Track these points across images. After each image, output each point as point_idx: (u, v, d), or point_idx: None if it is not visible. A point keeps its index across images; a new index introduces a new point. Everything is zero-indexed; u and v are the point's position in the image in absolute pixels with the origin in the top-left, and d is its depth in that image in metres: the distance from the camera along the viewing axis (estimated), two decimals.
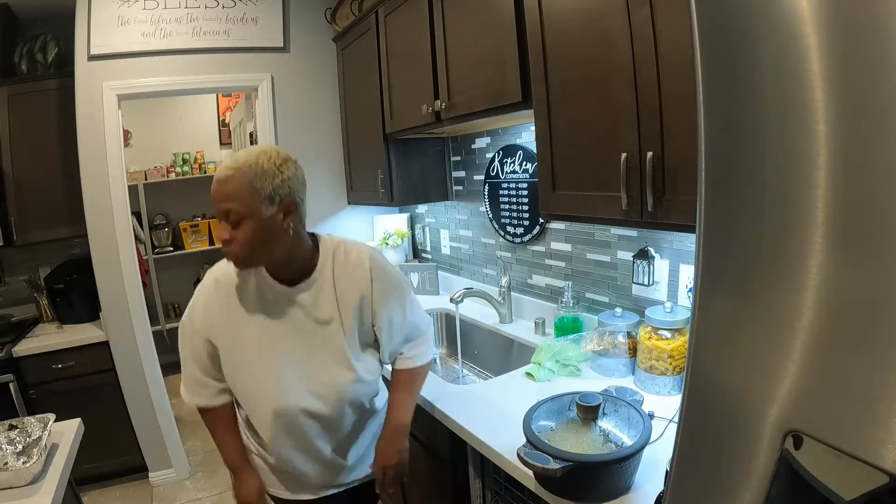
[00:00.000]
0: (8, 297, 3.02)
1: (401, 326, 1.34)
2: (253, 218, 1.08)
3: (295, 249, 1.18)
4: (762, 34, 0.44)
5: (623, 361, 1.52)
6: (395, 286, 1.31)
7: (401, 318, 1.33)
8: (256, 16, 2.71)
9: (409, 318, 1.35)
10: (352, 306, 1.25)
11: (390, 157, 2.40)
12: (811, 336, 0.43)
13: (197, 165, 4.40)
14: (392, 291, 1.30)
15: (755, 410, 0.47)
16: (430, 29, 1.88)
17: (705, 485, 0.54)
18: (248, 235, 1.09)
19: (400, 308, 1.32)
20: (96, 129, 2.50)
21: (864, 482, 0.40)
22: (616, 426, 1.09)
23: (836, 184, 0.40)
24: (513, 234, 2.17)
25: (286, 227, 1.12)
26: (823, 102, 0.40)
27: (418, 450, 1.71)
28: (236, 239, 1.09)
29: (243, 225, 1.08)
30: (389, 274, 1.31)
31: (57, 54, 2.74)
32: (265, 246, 1.12)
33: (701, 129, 0.51)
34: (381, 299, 1.28)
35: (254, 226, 1.08)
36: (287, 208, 1.12)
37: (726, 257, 0.51)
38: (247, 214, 1.08)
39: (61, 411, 1.54)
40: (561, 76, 1.33)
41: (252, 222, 1.08)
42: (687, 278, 1.47)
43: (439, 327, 2.48)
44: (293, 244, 1.17)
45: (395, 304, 1.31)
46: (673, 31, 1.04)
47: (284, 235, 1.13)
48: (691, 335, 0.55)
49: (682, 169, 1.07)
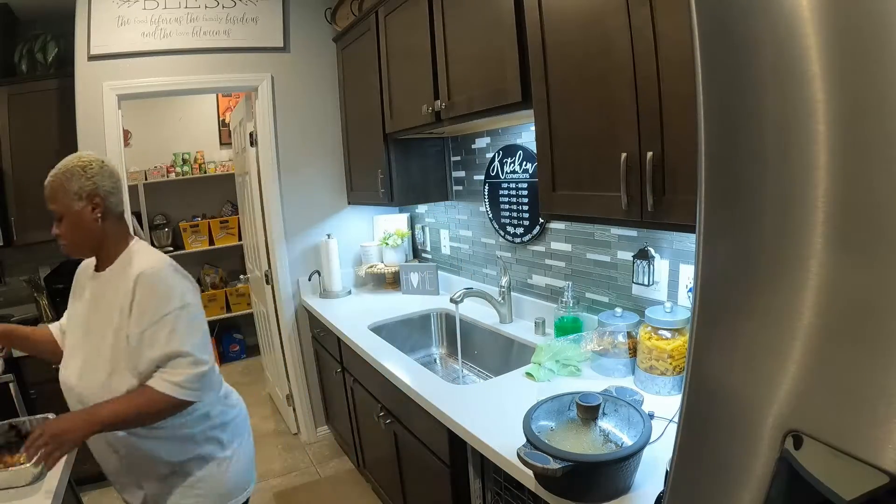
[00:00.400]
0: (8, 297, 3.02)
1: (149, 348, 1.24)
2: (69, 214, 1.28)
3: (106, 240, 1.34)
4: (762, 34, 0.44)
5: (623, 361, 1.52)
6: (155, 308, 1.25)
7: (149, 338, 1.24)
8: (256, 16, 2.71)
9: (165, 345, 1.24)
10: (115, 311, 1.28)
11: (390, 157, 2.40)
12: (811, 336, 0.43)
13: (197, 165, 4.40)
14: (148, 312, 1.25)
15: (755, 410, 0.47)
16: (430, 29, 1.88)
17: (705, 485, 0.54)
18: (67, 229, 1.29)
19: (152, 331, 1.24)
20: (96, 129, 2.50)
21: (864, 482, 0.40)
22: (616, 426, 1.09)
23: (836, 184, 0.40)
24: (513, 234, 2.17)
25: (95, 218, 1.30)
26: (823, 102, 0.40)
27: (418, 449, 1.72)
28: (61, 233, 1.30)
29: (64, 221, 1.29)
30: (157, 295, 1.26)
31: (57, 54, 2.74)
32: (81, 235, 1.30)
33: (701, 129, 0.51)
34: (136, 315, 1.25)
35: (70, 220, 1.28)
36: (93, 202, 1.29)
37: (726, 257, 0.51)
38: (64, 212, 1.28)
39: (61, 411, 1.54)
40: (561, 76, 1.33)
41: (69, 218, 1.28)
42: (687, 278, 1.47)
43: (439, 327, 2.48)
44: (104, 233, 1.33)
45: (149, 325, 1.24)
46: (673, 31, 1.04)
47: (94, 225, 1.30)
48: (691, 335, 0.55)
49: (682, 169, 1.07)
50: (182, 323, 1.26)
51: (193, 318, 1.29)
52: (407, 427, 1.79)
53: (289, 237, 2.95)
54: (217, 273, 4.53)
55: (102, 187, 1.30)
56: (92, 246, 1.34)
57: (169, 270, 1.31)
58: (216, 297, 4.40)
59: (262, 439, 3.18)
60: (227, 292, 4.44)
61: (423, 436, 1.67)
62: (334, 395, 2.78)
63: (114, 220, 1.34)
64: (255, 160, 2.96)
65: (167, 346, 1.24)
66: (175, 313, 1.26)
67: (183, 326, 1.26)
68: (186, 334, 1.26)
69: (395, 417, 1.87)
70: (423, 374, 1.73)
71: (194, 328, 1.28)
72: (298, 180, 2.93)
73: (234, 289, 4.45)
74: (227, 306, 4.45)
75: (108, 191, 1.31)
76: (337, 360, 2.51)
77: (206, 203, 4.56)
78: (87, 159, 1.31)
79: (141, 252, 1.35)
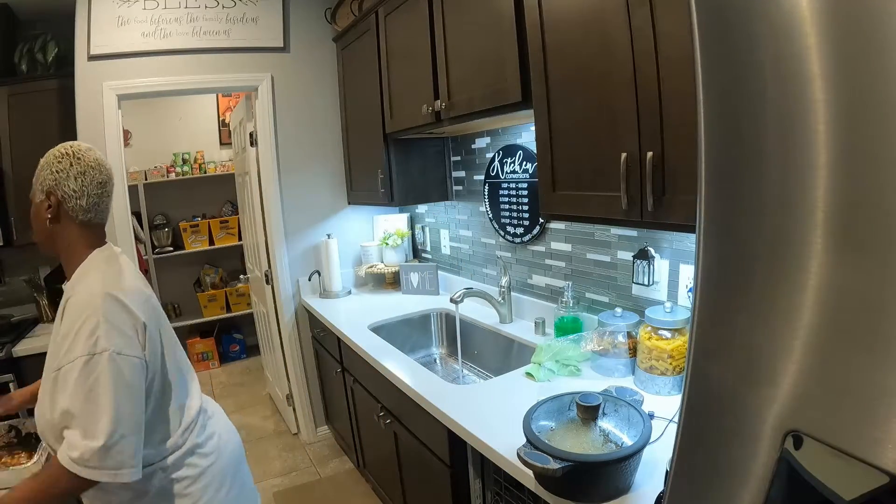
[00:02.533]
0: (8, 297, 3.02)
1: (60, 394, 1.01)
2: (32, 202, 1.19)
3: (55, 245, 1.18)
4: (762, 34, 0.44)
5: (623, 361, 1.52)
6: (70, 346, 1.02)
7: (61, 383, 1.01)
8: (256, 16, 2.71)
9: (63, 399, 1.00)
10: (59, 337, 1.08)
11: (390, 157, 2.40)
12: (811, 336, 0.43)
13: (197, 165, 4.40)
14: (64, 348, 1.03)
15: (755, 410, 0.47)
16: (430, 29, 1.88)
17: (705, 485, 0.54)
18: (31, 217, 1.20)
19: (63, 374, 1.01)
20: (96, 129, 2.50)
21: (864, 482, 0.40)
22: (616, 426, 1.09)
23: (836, 184, 0.40)
24: (513, 234, 2.17)
25: (46, 218, 1.15)
26: (823, 102, 0.40)
27: (418, 449, 1.72)
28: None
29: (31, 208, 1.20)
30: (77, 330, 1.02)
31: (57, 54, 2.73)
32: (35, 229, 1.20)
33: (701, 129, 0.51)
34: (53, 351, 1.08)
35: (32, 210, 1.19)
36: (49, 197, 1.15)
37: (726, 257, 0.51)
38: (31, 199, 1.19)
39: None
40: (561, 76, 1.33)
41: (32, 206, 1.19)
42: (687, 278, 1.47)
43: (439, 327, 2.48)
44: (53, 237, 1.17)
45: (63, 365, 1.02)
46: (673, 30, 1.04)
47: (43, 225, 1.16)
48: (691, 335, 0.55)
49: (682, 169, 1.07)
50: (82, 376, 0.99)
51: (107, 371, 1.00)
52: (407, 427, 1.79)
53: (289, 237, 2.95)
54: (217, 273, 4.54)
55: (63, 185, 1.13)
56: (46, 245, 1.19)
57: (105, 303, 1.04)
58: (216, 297, 4.40)
59: (262, 439, 3.19)
60: (227, 292, 4.44)
61: (423, 436, 1.67)
62: (334, 395, 2.78)
63: (71, 226, 1.15)
64: (255, 160, 2.96)
65: (63, 402, 1.00)
66: (82, 360, 1.00)
67: (81, 381, 0.98)
68: (81, 393, 0.98)
69: (395, 417, 1.87)
70: (423, 374, 1.73)
71: (99, 385, 0.99)
72: (298, 180, 2.93)
73: (234, 289, 4.46)
74: (227, 306, 4.45)
75: (71, 194, 1.14)
76: (337, 360, 2.51)
77: (206, 203, 4.56)
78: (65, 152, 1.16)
79: (89, 270, 1.14)
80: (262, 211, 3.01)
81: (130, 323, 1.07)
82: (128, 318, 1.07)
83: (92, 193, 1.16)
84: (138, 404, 1.05)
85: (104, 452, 0.98)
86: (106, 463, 0.98)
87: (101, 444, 0.97)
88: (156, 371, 1.12)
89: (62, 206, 1.14)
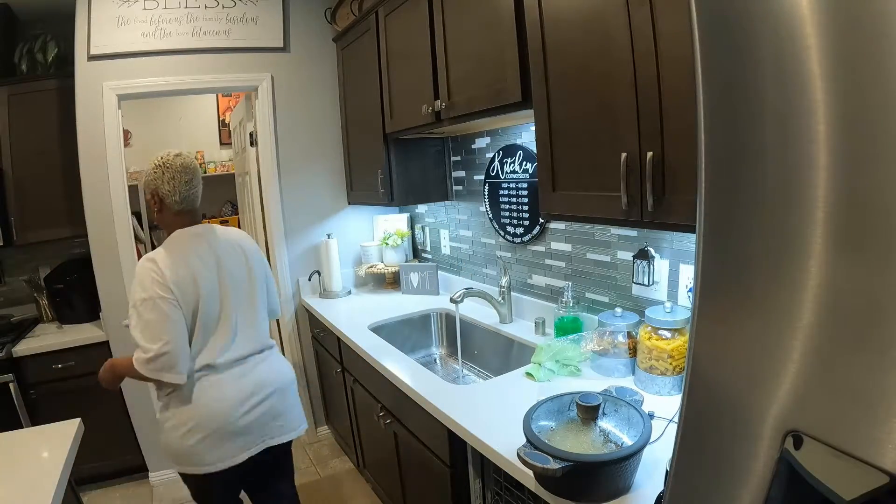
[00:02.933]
0: (8, 297, 3.02)
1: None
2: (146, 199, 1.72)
3: (162, 225, 1.69)
4: (762, 34, 0.44)
5: (623, 361, 1.52)
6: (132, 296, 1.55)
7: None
8: (256, 16, 2.71)
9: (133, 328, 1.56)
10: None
11: (390, 157, 2.40)
12: (811, 336, 0.43)
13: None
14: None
15: (755, 410, 0.47)
16: (430, 29, 1.88)
17: (705, 485, 0.54)
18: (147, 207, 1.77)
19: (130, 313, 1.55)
20: (96, 129, 2.50)
21: (864, 482, 0.40)
22: (616, 426, 1.09)
23: (836, 184, 0.40)
24: (513, 234, 2.17)
25: (153, 208, 1.67)
26: (823, 102, 0.40)
27: (419, 449, 1.72)
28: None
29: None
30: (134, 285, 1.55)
31: (57, 54, 2.73)
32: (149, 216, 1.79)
33: (701, 128, 0.51)
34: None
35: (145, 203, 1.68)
36: (154, 196, 1.65)
37: (726, 257, 0.51)
38: (145, 197, 1.71)
39: (61, 411, 1.55)
40: (561, 76, 1.33)
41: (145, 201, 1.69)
42: (687, 278, 1.47)
43: (439, 327, 2.48)
44: (161, 221, 1.68)
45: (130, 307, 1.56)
46: (673, 30, 1.04)
47: (152, 213, 1.70)
48: (691, 335, 0.55)
49: (682, 169, 1.07)
50: (135, 316, 1.52)
51: (146, 311, 1.50)
52: (407, 427, 1.79)
53: (289, 237, 2.95)
54: None
55: (159, 185, 1.62)
56: (160, 226, 1.71)
57: (144, 265, 1.54)
58: None
59: None
60: None
61: (423, 436, 1.67)
62: (334, 395, 2.78)
63: (170, 214, 1.64)
64: (255, 160, 2.96)
65: (133, 329, 1.54)
66: (133, 305, 1.52)
67: (135, 320, 1.52)
68: (137, 327, 1.51)
69: (395, 417, 1.87)
70: (423, 373, 1.73)
71: (143, 321, 1.50)
72: (298, 180, 2.93)
73: None
74: None
75: (167, 192, 1.61)
76: (337, 359, 2.51)
77: (206, 203, 4.56)
78: (158, 162, 1.62)
79: (163, 244, 1.62)
80: (262, 211, 3.01)
81: (160, 281, 1.51)
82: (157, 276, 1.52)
83: (181, 190, 1.62)
84: (173, 331, 1.51)
85: (152, 361, 1.48)
86: (151, 367, 1.49)
87: (150, 356, 1.48)
88: (187, 316, 1.55)
89: (163, 201, 1.63)
